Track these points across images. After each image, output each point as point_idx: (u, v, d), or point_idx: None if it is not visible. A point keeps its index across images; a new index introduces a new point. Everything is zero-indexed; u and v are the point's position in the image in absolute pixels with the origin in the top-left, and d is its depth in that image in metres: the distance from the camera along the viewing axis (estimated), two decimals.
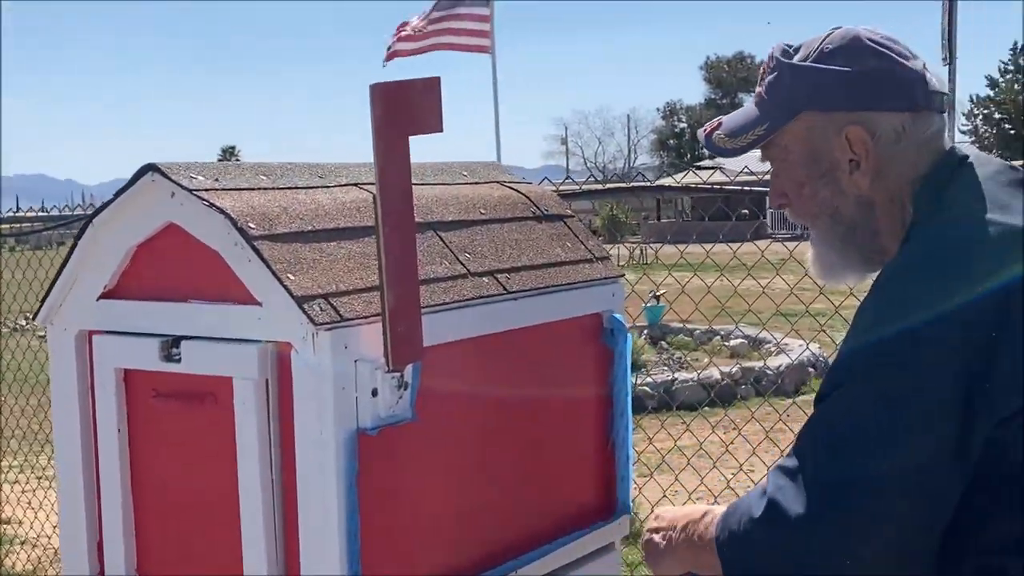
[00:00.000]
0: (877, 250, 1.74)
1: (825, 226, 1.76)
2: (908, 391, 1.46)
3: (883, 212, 1.71)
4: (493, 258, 2.08)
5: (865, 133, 1.67)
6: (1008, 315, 1.45)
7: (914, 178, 1.69)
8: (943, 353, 1.45)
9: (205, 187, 1.78)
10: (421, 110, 1.68)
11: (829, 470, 1.48)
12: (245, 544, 1.78)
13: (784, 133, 1.74)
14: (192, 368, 1.81)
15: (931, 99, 1.68)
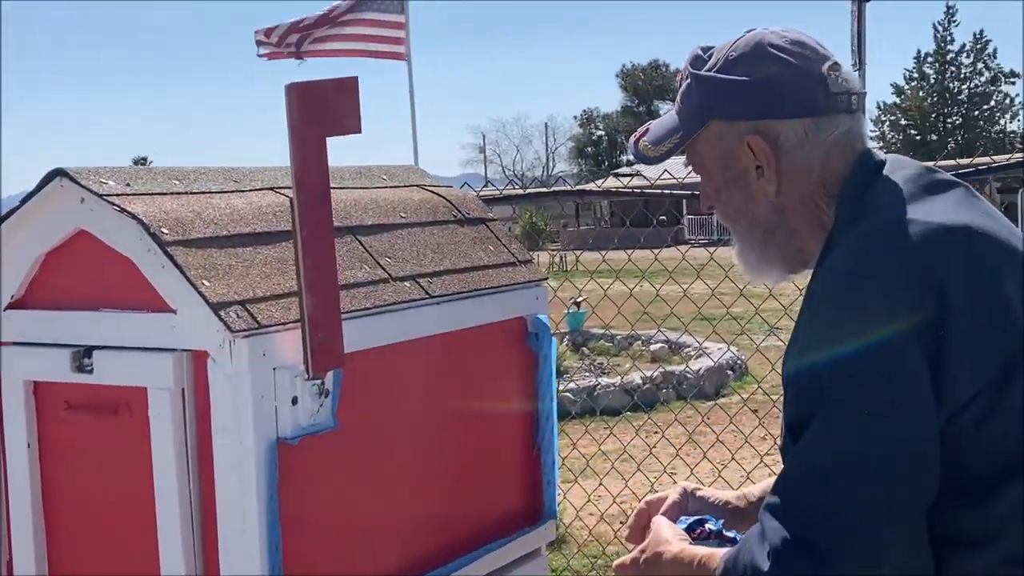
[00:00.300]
0: (797, 250, 1.76)
1: (744, 230, 1.79)
2: (888, 404, 1.46)
3: (795, 215, 1.73)
4: (415, 262, 2.05)
5: (764, 142, 1.69)
6: (948, 312, 1.46)
7: (826, 180, 1.70)
8: (906, 357, 1.46)
9: (116, 192, 1.73)
10: (339, 111, 1.65)
11: (826, 503, 1.47)
12: (163, 561, 1.73)
13: (698, 141, 1.76)
14: (105, 379, 1.76)
15: (834, 101, 1.68)
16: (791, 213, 1.72)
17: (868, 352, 1.47)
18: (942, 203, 1.60)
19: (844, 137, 1.69)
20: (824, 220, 1.71)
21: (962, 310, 1.46)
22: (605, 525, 6.20)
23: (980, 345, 1.47)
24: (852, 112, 1.70)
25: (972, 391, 1.47)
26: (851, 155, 1.70)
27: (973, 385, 1.47)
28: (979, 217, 1.58)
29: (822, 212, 1.71)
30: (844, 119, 1.69)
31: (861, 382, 1.47)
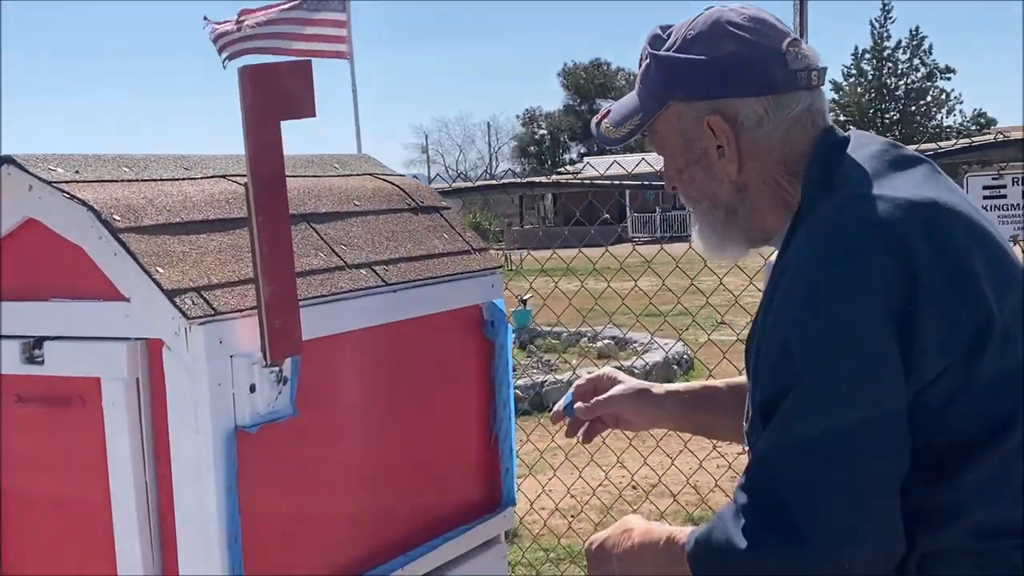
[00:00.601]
0: (760, 228, 1.76)
1: (706, 210, 1.78)
2: (861, 380, 1.47)
3: (757, 193, 1.73)
4: (370, 250, 2.03)
5: (724, 122, 1.69)
6: (918, 287, 1.46)
7: (788, 157, 1.70)
8: (880, 332, 1.46)
9: (65, 179, 1.69)
10: (293, 94, 1.63)
11: (801, 481, 1.47)
12: (119, 554, 1.70)
13: (658, 122, 1.76)
14: (57, 370, 1.72)
15: (794, 78, 1.68)
16: (753, 192, 1.72)
17: (841, 327, 1.47)
18: (909, 179, 1.61)
19: (805, 114, 1.69)
20: (787, 198, 1.71)
21: (931, 284, 1.47)
22: (559, 518, 6.21)
23: (949, 320, 1.48)
24: (812, 88, 1.70)
25: (941, 366, 1.48)
26: (813, 132, 1.70)
27: (942, 360, 1.48)
28: (945, 193, 1.59)
29: (784, 190, 1.71)
30: (804, 96, 1.69)
31: (834, 358, 1.47)
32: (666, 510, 6.06)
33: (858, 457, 1.47)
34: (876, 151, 1.67)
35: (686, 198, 1.80)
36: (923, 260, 1.47)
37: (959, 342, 1.48)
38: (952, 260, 1.50)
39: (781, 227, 1.72)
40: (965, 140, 3.57)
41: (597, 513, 6.29)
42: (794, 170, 1.70)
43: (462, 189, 4.53)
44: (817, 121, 1.71)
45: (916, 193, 1.55)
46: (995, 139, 3.45)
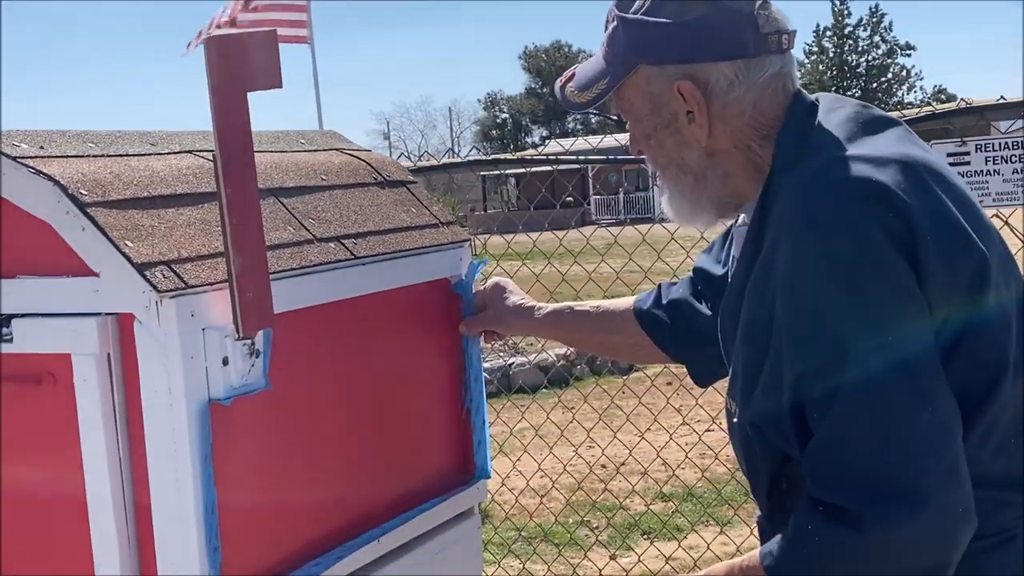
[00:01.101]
0: (731, 193, 1.75)
1: (674, 176, 1.77)
2: (909, 319, 1.47)
3: (728, 158, 1.72)
4: (338, 224, 2.03)
5: (694, 87, 1.67)
6: (916, 236, 1.47)
7: (758, 122, 1.69)
8: (904, 273, 1.47)
9: (30, 155, 1.68)
10: (259, 65, 1.62)
11: (893, 446, 1.44)
12: (94, 531, 1.69)
13: (626, 86, 1.74)
14: (26, 347, 1.71)
15: (764, 42, 1.67)
16: (723, 157, 1.71)
17: (868, 277, 1.46)
18: (885, 139, 1.62)
19: (775, 78, 1.69)
20: (758, 162, 1.70)
21: (927, 233, 1.48)
22: (530, 497, 6.23)
23: (947, 266, 1.49)
24: (783, 52, 1.69)
25: (943, 314, 1.49)
26: (783, 96, 1.70)
27: (944, 308, 1.49)
28: (921, 152, 1.61)
29: (755, 154, 1.70)
30: (775, 59, 1.68)
31: (875, 310, 1.46)
32: (636, 485, 6.09)
33: (933, 398, 1.45)
34: (850, 114, 1.67)
35: (654, 163, 1.79)
36: (915, 212, 1.48)
37: (958, 288, 1.49)
38: (940, 210, 1.52)
39: (752, 191, 1.71)
40: (928, 108, 3.61)
41: (568, 491, 6.32)
42: (765, 134, 1.69)
43: (426, 168, 4.53)
44: (787, 85, 1.70)
45: (894, 151, 1.56)
46: (957, 106, 3.48)
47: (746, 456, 1.69)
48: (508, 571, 5.38)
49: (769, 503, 1.69)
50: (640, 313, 2.21)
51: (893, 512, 1.42)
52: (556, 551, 5.60)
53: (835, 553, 1.47)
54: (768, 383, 1.57)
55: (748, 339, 1.62)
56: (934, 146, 3.60)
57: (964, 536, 1.45)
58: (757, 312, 1.59)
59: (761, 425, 1.60)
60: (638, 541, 5.80)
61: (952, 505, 1.43)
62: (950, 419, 1.46)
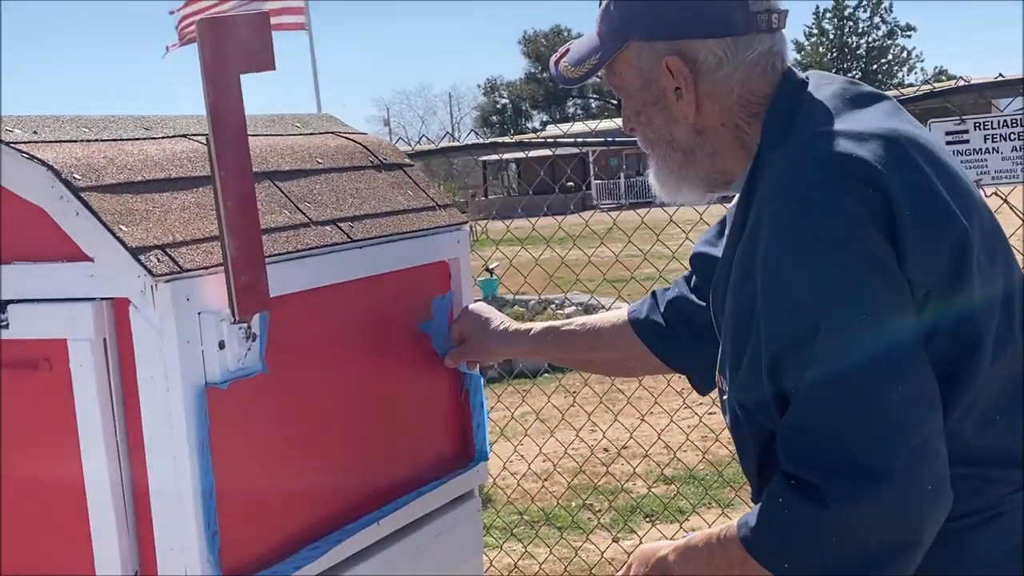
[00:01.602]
0: (719, 171, 1.76)
1: (663, 152, 1.78)
2: (883, 299, 1.46)
3: (716, 136, 1.72)
4: (335, 207, 2.02)
5: (683, 63, 1.68)
6: (895, 213, 1.47)
7: (747, 100, 1.69)
8: (882, 251, 1.46)
9: (23, 140, 1.67)
10: (252, 47, 1.61)
11: (861, 421, 1.44)
12: (92, 516, 1.69)
13: (617, 62, 1.75)
14: (21, 333, 1.70)
15: (754, 20, 1.67)
16: (712, 134, 1.72)
17: (842, 255, 1.46)
18: (872, 114, 1.62)
19: (765, 57, 1.69)
20: (746, 140, 1.70)
21: (907, 209, 1.48)
22: (531, 481, 6.24)
23: (927, 242, 1.48)
24: (773, 31, 1.69)
25: (924, 289, 1.49)
26: (772, 75, 1.70)
27: (925, 283, 1.49)
28: (908, 126, 1.61)
29: (744, 132, 1.70)
30: (764, 38, 1.68)
31: (848, 287, 1.46)
32: (638, 467, 6.10)
33: (906, 375, 1.44)
34: (837, 90, 1.67)
35: (643, 140, 1.80)
36: (895, 187, 1.48)
37: (939, 263, 1.49)
38: (921, 185, 1.51)
39: (741, 169, 1.72)
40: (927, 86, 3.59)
41: (570, 475, 6.33)
42: (754, 112, 1.69)
43: (424, 152, 4.51)
44: (776, 64, 1.70)
45: (880, 126, 1.56)
46: (956, 84, 3.47)
47: (735, 433, 1.70)
48: (510, 555, 5.39)
49: (759, 481, 1.69)
50: (636, 323, 2.16)
51: (857, 488, 1.42)
52: (558, 534, 5.61)
53: (802, 527, 1.47)
54: (751, 361, 1.57)
55: (734, 316, 1.62)
56: (932, 125, 3.59)
57: (933, 514, 1.45)
58: (742, 289, 1.59)
59: (746, 403, 1.60)
60: (640, 524, 5.81)
61: (918, 482, 1.42)
62: (924, 396, 1.46)
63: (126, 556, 1.68)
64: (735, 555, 1.56)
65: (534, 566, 5.24)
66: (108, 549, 1.67)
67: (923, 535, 1.45)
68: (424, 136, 4.68)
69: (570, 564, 5.23)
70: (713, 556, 1.61)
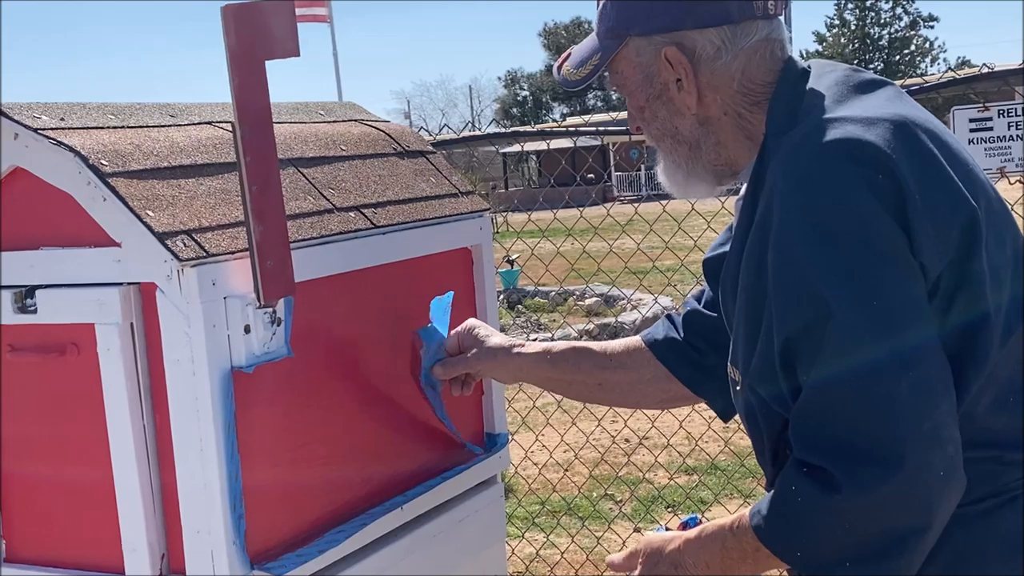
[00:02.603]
0: (724, 162, 1.76)
1: (669, 147, 1.79)
2: (896, 286, 1.46)
3: (719, 126, 1.73)
4: (358, 193, 2.03)
5: (681, 53, 1.69)
6: (906, 196, 1.47)
7: (748, 88, 1.70)
8: (894, 238, 1.46)
9: (51, 127, 1.69)
10: (276, 33, 1.62)
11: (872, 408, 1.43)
12: (120, 499, 1.71)
13: (618, 60, 1.77)
14: (50, 318, 1.72)
15: (749, 8, 1.68)
16: (715, 124, 1.73)
17: (854, 243, 1.46)
18: (877, 99, 1.62)
19: (763, 44, 1.69)
20: (750, 129, 1.71)
21: (916, 192, 1.47)
22: (553, 471, 6.25)
23: (936, 224, 1.48)
24: (769, 17, 1.70)
25: (935, 272, 1.49)
26: (772, 62, 1.70)
27: (937, 265, 1.49)
28: (913, 110, 1.61)
29: (746, 120, 1.71)
30: (762, 25, 1.69)
31: (861, 274, 1.45)
32: (659, 457, 6.10)
33: (918, 359, 1.44)
34: (840, 77, 1.67)
35: (650, 136, 1.81)
36: (905, 171, 1.48)
37: (949, 245, 1.49)
38: (929, 168, 1.51)
39: (746, 159, 1.73)
40: (950, 74, 3.58)
41: (591, 465, 6.34)
42: (755, 100, 1.70)
43: (446, 141, 4.52)
44: (776, 51, 1.71)
45: (886, 111, 1.56)
46: (980, 72, 3.45)
47: (749, 423, 1.70)
48: (532, 544, 5.40)
49: (773, 470, 1.69)
50: (655, 345, 2.09)
51: (868, 474, 1.42)
52: (580, 524, 5.62)
53: (814, 514, 1.47)
54: (763, 348, 1.57)
55: (746, 306, 1.62)
56: (956, 112, 3.58)
57: (945, 498, 1.45)
58: (753, 279, 1.59)
59: (760, 391, 1.60)
60: (662, 514, 5.81)
61: (930, 467, 1.42)
62: (937, 380, 1.45)
63: (153, 538, 1.70)
64: (748, 544, 1.56)
65: (556, 555, 5.26)
66: (135, 531, 1.69)
67: (935, 520, 1.45)
68: (446, 125, 4.68)
69: (591, 553, 5.23)
70: (726, 546, 1.61)
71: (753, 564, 1.57)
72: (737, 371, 1.69)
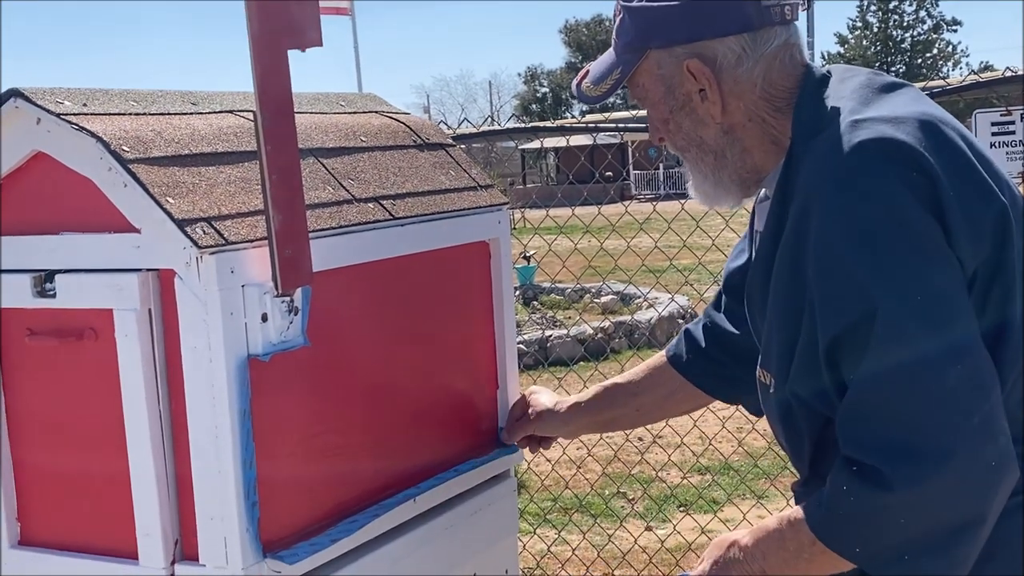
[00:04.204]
0: (751, 169, 1.77)
1: (695, 157, 1.80)
2: (941, 282, 1.47)
3: (745, 133, 1.74)
4: (377, 185, 2.03)
5: (702, 63, 1.70)
6: (940, 193, 1.48)
7: (770, 93, 1.71)
8: (934, 233, 1.47)
9: (73, 112, 1.69)
10: (299, 22, 1.62)
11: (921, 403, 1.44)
12: (135, 484, 1.71)
13: (638, 73, 1.77)
14: (69, 303, 1.73)
15: (767, 13, 1.69)
16: (740, 132, 1.73)
17: (899, 241, 1.47)
18: (900, 98, 1.64)
19: (783, 49, 1.71)
20: (774, 134, 1.72)
21: (950, 188, 1.49)
22: (565, 468, 6.24)
23: (970, 219, 1.50)
24: (787, 23, 1.71)
25: (972, 268, 1.51)
26: (792, 67, 1.72)
27: (973, 261, 1.51)
28: (937, 110, 1.63)
29: (771, 126, 1.72)
30: (780, 31, 1.71)
31: (907, 270, 1.46)
32: (672, 456, 6.09)
33: (964, 353, 1.45)
34: (863, 80, 1.69)
35: (675, 147, 1.82)
36: (936, 166, 1.49)
37: (983, 239, 1.50)
38: (961, 164, 1.53)
39: (772, 165, 1.73)
40: (973, 77, 3.57)
41: (604, 462, 6.33)
42: (779, 106, 1.71)
43: (465, 136, 4.52)
44: (795, 56, 1.72)
45: (913, 110, 1.58)
46: (1003, 75, 3.44)
47: (785, 426, 1.70)
48: (544, 540, 5.40)
49: (810, 470, 1.70)
50: (678, 362, 2.19)
51: (921, 470, 1.42)
52: (592, 521, 5.62)
53: (869, 513, 1.47)
54: (806, 349, 1.58)
55: (782, 308, 1.63)
56: (978, 115, 3.56)
57: (998, 490, 1.45)
58: (789, 282, 1.60)
59: (801, 392, 1.61)
60: (674, 513, 5.81)
61: (981, 459, 1.43)
62: (983, 373, 1.46)
63: (167, 524, 1.70)
64: (805, 537, 1.57)
65: (567, 552, 5.25)
66: (149, 516, 1.70)
67: (988, 512, 1.46)
68: (466, 119, 4.68)
69: (603, 550, 5.23)
70: (784, 538, 1.61)
71: (809, 559, 1.57)
72: (769, 374, 1.71)
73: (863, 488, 1.47)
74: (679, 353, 2.18)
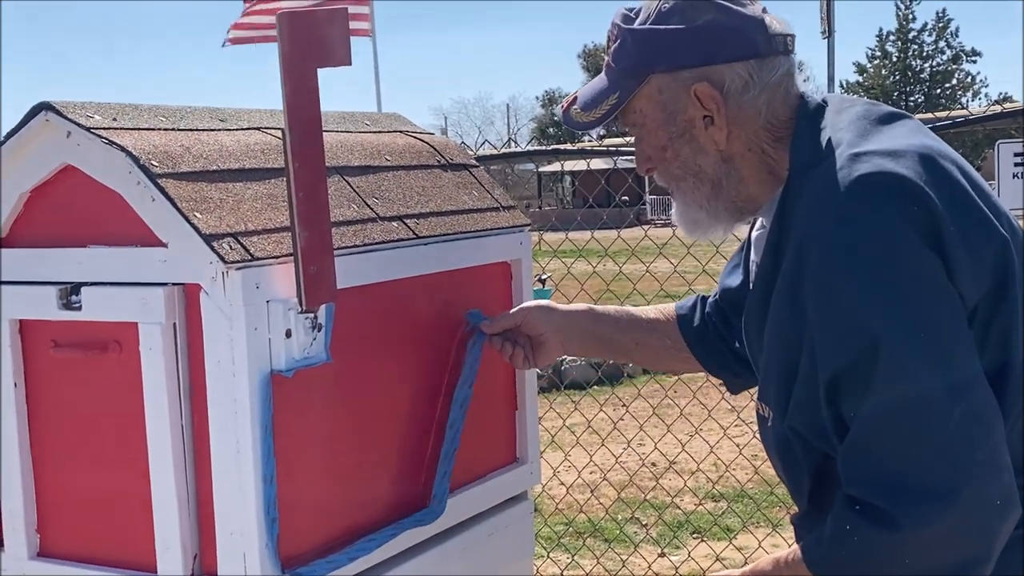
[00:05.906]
0: (745, 199, 1.75)
1: (690, 187, 1.76)
2: (943, 317, 1.46)
3: (743, 163, 1.72)
4: (401, 203, 2.04)
5: (712, 88, 1.68)
6: (941, 227, 1.47)
7: (771, 123, 1.70)
8: (935, 269, 1.46)
9: (103, 126, 1.71)
10: (329, 42, 1.63)
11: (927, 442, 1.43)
12: (156, 497, 1.72)
13: (637, 99, 1.74)
14: (94, 315, 1.74)
15: (773, 43, 1.69)
16: (739, 161, 1.71)
17: (901, 276, 1.46)
18: (899, 130, 1.62)
19: (785, 78, 1.70)
20: (772, 164, 1.70)
21: (951, 223, 1.48)
22: (579, 492, 6.23)
23: (971, 253, 1.49)
24: (788, 53, 1.70)
25: (973, 301, 1.49)
26: (791, 98, 1.71)
27: (975, 294, 1.50)
28: (936, 142, 1.62)
29: (769, 157, 1.70)
30: (783, 61, 1.70)
31: (910, 306, 1.45)
32: (687, 483, 6.07)
33: (967, 389, 1.44)
34: (860, 111, 1.67)
35: (668, 178, 1.78)
36: (936, 200, 1.48)
37: (984, 273, 1.49)
38: (960, 198, 1.52)
39: (767, 196, 1.72)
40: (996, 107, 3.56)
41: (618, 487, 6.31)
42: (778, 136, 1.70)
43: (486, 157, 4.54)
44: (791, 88, 1.72)
45: (911, 142, 1.57)
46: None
47: (783, 459, 1.69)
48: (557, 564, 5.38)
49: (809, 505, 1.69)
50: (683, 321, 2.17)
51: (925, 510, 1.41)
52: (605, 546, 5.60)
53: (873, 552, 1.46)
54: (805, 385, 1.57)
55: (780, 343, 1.62)
56: (1000, 145, 3.56)
57: (1002, 527, 1.44)
58: (787, 316, 1.59)
59: (799, 427, 1.60)
60: (688, 540, 5.78)
61: (986, 497, 1.42)
62: (986, 409, 1.45)
63: (186, 537, 1.71)
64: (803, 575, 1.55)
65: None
66: (169, 530, 1.70)
67: (992, 550, 1.45)
68: (485, 141, 4.70)
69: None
70: None
71: None
72: (767, 407, 1.69)
73: (868, 528, 1.45)
74: (685, 313, 2.16)
